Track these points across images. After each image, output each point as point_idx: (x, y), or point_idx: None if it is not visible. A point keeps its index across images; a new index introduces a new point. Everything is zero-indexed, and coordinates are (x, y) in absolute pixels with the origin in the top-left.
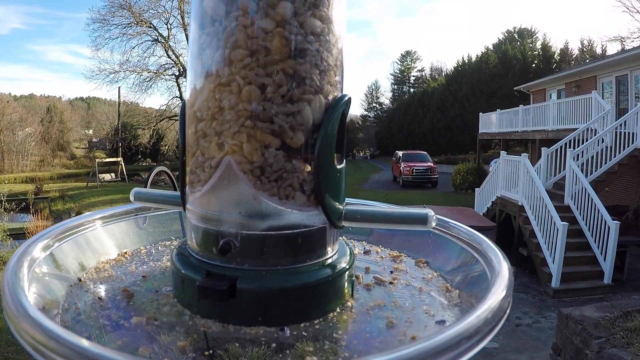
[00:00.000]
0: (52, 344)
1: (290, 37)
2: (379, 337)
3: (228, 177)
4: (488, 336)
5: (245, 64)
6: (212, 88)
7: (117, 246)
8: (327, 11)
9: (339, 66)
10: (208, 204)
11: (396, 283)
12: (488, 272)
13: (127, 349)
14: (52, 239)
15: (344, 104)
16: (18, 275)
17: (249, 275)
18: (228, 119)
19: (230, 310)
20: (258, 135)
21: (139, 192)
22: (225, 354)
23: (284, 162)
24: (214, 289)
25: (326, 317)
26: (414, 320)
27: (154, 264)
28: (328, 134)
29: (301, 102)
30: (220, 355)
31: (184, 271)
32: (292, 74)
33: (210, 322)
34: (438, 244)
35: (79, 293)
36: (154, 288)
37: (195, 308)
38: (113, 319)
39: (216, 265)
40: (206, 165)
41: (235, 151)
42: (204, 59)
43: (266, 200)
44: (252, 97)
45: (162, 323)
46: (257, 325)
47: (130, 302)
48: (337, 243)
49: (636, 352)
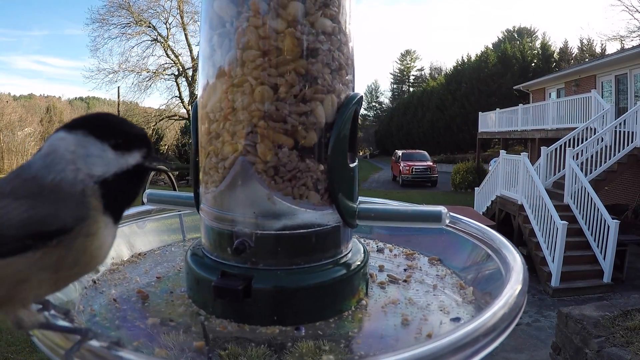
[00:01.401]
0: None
1: (301, 37)
2: (394, 335)
3: (242, 177)
4: (505, 332)
5: (257, 65)
6: (225, 89)
7: (128, 248)
8: (337, 10)
9: (350, 65)
10: (222, 204)
11: (410, 280)
12: (502, 269)
13: (146, 349)
14: None
15: (356, 102)
16: None
17: (264, 275)
18: (241, 119)
19: (246, 310)
20: (271, 135)
21: (152, 193)
22: (225, 354)
23: (298, 161)
24: (230, 289)
25: (341, 315)
26: (429, 318)
27: (168, 265)
28: (340, 133)
29: (313, 102)
30: (220, 355)
31: (199, 271)
32: (304, 73)
33: (226, 323)
34: (451, 241)
35: (94, 295)
36: (168, 289)
37: (210, 308)
38: (129, 321)
39: (231, 265)
40: (219, 166)
41: (249, 151)
42: (215, 60)
43: (280, 199)
44: (264, 97)
45: (178, 324)
46: (272, 324)
47: (146, 303)
48: (351, 241)
49: (636, 351)
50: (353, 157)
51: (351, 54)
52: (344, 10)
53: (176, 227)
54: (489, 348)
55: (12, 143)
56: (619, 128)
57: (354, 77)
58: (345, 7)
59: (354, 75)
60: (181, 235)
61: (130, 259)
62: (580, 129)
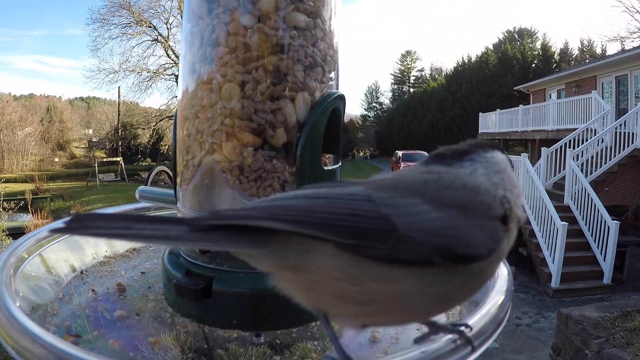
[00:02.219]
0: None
1: (270, 32)
2: (356, 351)
3: (208, 177)
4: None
5: (224, 62)
6: (195, 87)
7: (108, 246)
8: (313, 4)
9: (329, 62)
10: (192, 202)
11: None
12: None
13: (101, 340)
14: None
15: (333, 100)
16: (2, 275)
17: (227, 277)
18: (209, 118)
19: (207, 311)
20: (237, 134)
21: (143, 190)
22: (225, 354)
23: (264, 161)
24: (188, 288)
25: (307, 325)
26: (401, 337)
27: (158, 261)
28: (313, 133)
29: (282, 100)
30: (220, 355)
31: (170, 269)
32: (272, 70)
33: (188, 322)
34: None
35: (78, 284)
36: (148, 284)
37: (176, 306)
38: (99, 311)
39: (197, 265)
40: (190, 164)
41: (215, 150)
42: (188, 58)
43: (245, 200)
44: (231, 95)
45: (143, 318)
46: (232, 328)
47: (121, 296)
48: None
49: (636, 352)
50: (335, 159)
51: (332, 50)
52: (322, 4)
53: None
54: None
55: (12, 143)
56: (619, 129)
57: (338, 74)
58: (325, 2)
59: (338, 72)
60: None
61: (124, 254)
62: (580, 130)
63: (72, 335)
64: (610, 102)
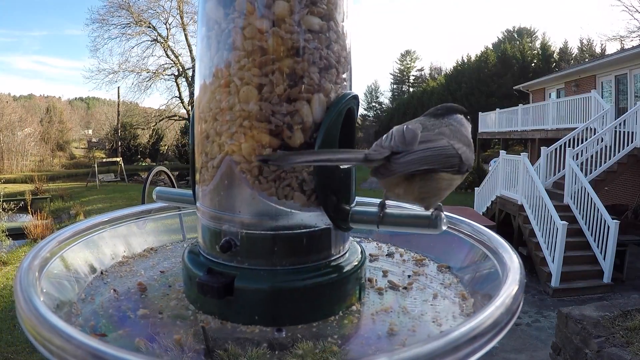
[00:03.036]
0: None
1: (286, 36)
2: (375, 344)
3: (228, 177)
4: (501, 333)
5: (242, 65)
6: (213, 89)
7: (126, 246)
8: (326, 7)
9: (342, 63)
10: (212, 202)
11: (411, 288)
12: (499, 269)
13: (127, 339)
14: (63, 242)
15: (348, 101)
16: (29, 276)
17: (248, 274)
18: (227, 120)
19: (229, 308)
20: (256, 135)
21: (161, 191)
22: (225, 354)
23: None
24: (211, 285)
25: (326, 320)
26: (418, 329)
27: (176, 260)
28: (329, 133)
29: (299, 101)
30: (220, 355)
31: (191, 268)
32: (288, 73)
33: (210, 319)
34: (449, 241)
35: (98, 285)
36: (168, 283)
37: (198, 304)
38: (122, 310)
39: (219, 263)
40: (209, 165)
41: (234, 151)
42: (205, 61)
43: (265, 200)
44: (249, 98)
45: (166, 316)
46: (253, 324)
47: (143, 295)
48: (346, 244)
49: (636, 351)
50: None
51: (345, 52)
52: (335, 7)
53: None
54: (485, 348)
55: (12, 143)
56: (618, 128)
57: (351, 75)
58: (338, 4)
59: (351, 73)
60: (188, 234)
61: (142, 253)
62: (580, 129)
63: (97, 334)
64: (610, 102)
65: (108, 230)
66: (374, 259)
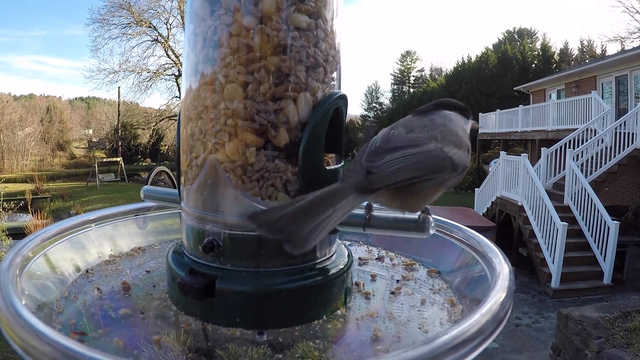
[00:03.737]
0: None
1: (272, 33)
2: (357, 350)
3: (211, 177)
4: (487, 340)
5: (227, 63)
6: (198, 88)
7: (113, 245)
8: (314, 5)
9: (330, 62)
10: (196, 202)
11: (399, 293)
12: (488, 274)
13: (106, 338)
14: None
15: (335, 100)
16: (8, 275)
17: (230, 276)
18: (212, 118)
19: (211, 309)
20: (240, 134)
21: (148, 190)
22: (225, 354)
23: (266, 161)
24: (191, 286)
25: (310, 324)
26: (403, 336)
27: (162, 260)
28: (314, 132)
29: (284, 100)
30: (220, 354)
31: (173, 268)
32: (273, 71)
33: (191, 320)
34: (438, 244)
35: (83, 283)
36: (152, 283)
37: (180, 305)
38: (104, 309)
39: (201, 263)
40: (193, 164)
41: (218, 150)
42: (191, 59)
43: (248, 200)
44: (234, 96)
45: (147, 316)
46: (235, 326)
47: (126, 294)
48: (332, 247)
49: (636, 352)
50: (338, 158)
51: (334, 50)
52: (324, 5)
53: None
54: (470, 356)
55: (12, 143)
56: (619, 129)
57: (340, 75)
58: (327, 2)
59: (340, 73)
60: (174, 235)
61: (129, 252)
62: (580, 130)
63: (77, 332)
64: (610, 103)
65: (94, 229)
66: (363, 262)
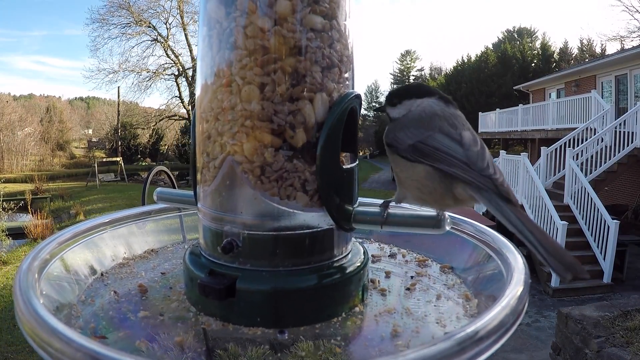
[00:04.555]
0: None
1: (288, 34)
2: (378, 345)
3: (230, 177)
4: (507, 334)
5: (244, 64)
6: (215, 89)
7: (127, 248)
8: (329, 6)
9: (345, 62)
10: (213, 203)
11: (414, 289)
12: (503, 270)
13: (127, 340)
14: (63, 243)
15: (350, 100)
16: (28, 277)
17: (250, 276)
18: (229, 119)
19: (231, 310)
20: (258, 135)
21: (162, 192)
22: (225, 354)
23: (284, 161)
24: (212, 287)
25: (329, 321)
26: (422, 330)
27: (177, 262)
28: (331, 132)
29: (301, 101)
30: (220, 354)
31: (192, 269)
32: (290, 72)
33: (212, 320)
34: (452, 242)
35: (99, 287)
36: (169, 285)
37: (200, 306)
38: (122, 312)
39: (220, 264)
40: (210, 166)
41: (236, 151)
42: (207, 61)
43: (267, 200)
44: (251, 97)
45: (167, 318)
46: (255, 326)
47: (144, 297)
48: (349, 245)
49: (636, 351)
50: (352, 157)
51: (347, 51)
52: (337, 6)
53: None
54: (490, 350)
55: (12, 143)
56: (619, 128)
57: (353, 74)
58: (340, 3)
59: (353, 72)
60: (188, 235)
61: (142, 255)
62: (580, 129)
63: (97, 336)
64: (610, 102)
65: (108, 232)
66: (376, 259)
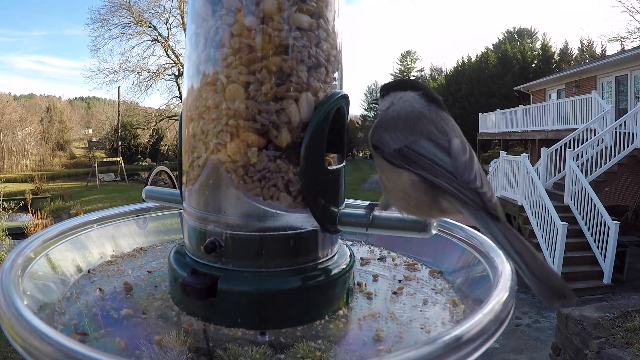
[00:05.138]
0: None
1: (273, 33)
2: (359, 350)
3: (213, 177)
4: (490, 339)
5: (228, 63)
6: (200, 88)
7: (115, 246)
8: (316, 5)
9: (332, 62)
10: (197, 202)
11: (401, 293)
12: (490, 273)
13: (108, 338)
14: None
15: (337, 100)
16: (10, 275)
17: (232, 276)
18: (213, 118)
19: (213, 310)
20: (242, 134)
21: (150, 190)
22: (225, 354)
23: (267, 161)
24: (194, 286)
25: (312, 324)
26: (405, 336)
27: (164, 260)
28: (316, 133)
29: (286, 100)
30: (220, 354)
31: (175, 268)
32: (275, 71)
33: (194, 320)
34: (440, 244)
35: (85, 284)
36: (154, 283)
37: (183, 305)
38: (105, 310)
39: (203, 264)
40: (195, 165)
41: (219, 150)
42: (193, 59)
43: (250, 200)
44: (235, 96)
45: (149, 316)
46: (237, 327)
47: (128, 295)
48: (334, 247)
49: (636, 352)
50: (339, 158)
51: (335, 50)
52: (325, 5)
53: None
54: (472, 356)
55: (12, 143)
56: (619, 129)
57: (342, 75)
58: (328, 2)
59: (342, 73)
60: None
61: (131, 253)
62: (580, 130)
63: (78, 333)
64: (610, 102)
65: (96, 230)
66: (365, 262)
